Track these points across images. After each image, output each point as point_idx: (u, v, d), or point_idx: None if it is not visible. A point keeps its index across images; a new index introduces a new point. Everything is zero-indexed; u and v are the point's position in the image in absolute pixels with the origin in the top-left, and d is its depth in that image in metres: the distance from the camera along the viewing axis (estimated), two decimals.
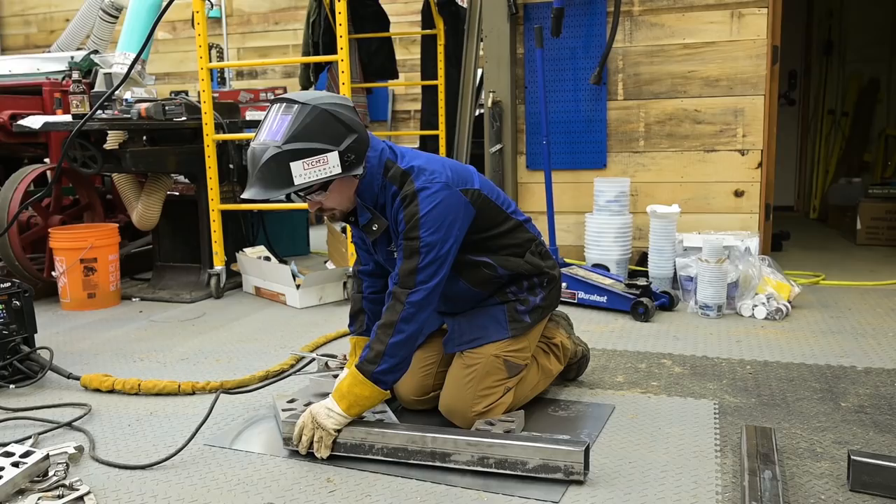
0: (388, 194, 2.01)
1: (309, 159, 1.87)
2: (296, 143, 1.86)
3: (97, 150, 3.62)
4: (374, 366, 1.93)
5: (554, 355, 2.34)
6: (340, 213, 2.05)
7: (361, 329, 2.28)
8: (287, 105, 1.91)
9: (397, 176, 2.00)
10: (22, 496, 1.75)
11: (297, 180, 1.88)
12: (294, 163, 1.86)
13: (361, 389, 1.93)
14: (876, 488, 1.69)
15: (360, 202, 2.03)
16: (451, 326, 2.20)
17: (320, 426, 1.93)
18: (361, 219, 2.05)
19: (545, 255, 2.23)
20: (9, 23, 8.66)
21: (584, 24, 4.13)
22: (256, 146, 1.90)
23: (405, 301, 1.93)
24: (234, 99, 6.16)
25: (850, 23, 6.44)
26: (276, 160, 1.86)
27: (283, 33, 7.53)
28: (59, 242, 3.70)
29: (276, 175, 1.87)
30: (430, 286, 1.95)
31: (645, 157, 4.14)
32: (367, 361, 1.94)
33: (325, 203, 2.00)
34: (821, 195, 6.39)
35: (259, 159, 1.88)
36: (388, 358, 1.93)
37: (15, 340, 2.65)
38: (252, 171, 1.91)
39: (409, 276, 1.94)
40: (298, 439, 1.95)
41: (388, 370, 1.94)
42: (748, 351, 2.81)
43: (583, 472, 1.77)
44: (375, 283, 2.28)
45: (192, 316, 3.57)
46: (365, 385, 1.93)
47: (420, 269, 1.94)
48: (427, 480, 1.82)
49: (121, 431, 2.19)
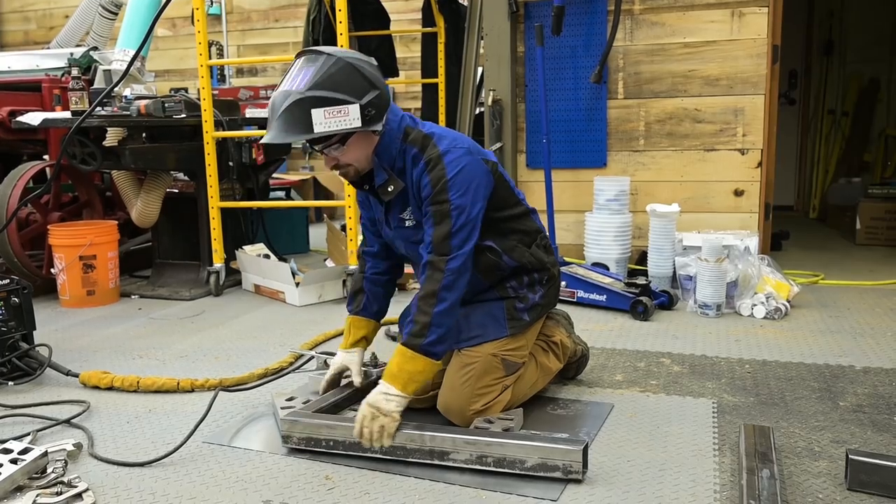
0: (408, 157, 2.01)
1: (330, 108, 1.87)
2: (318, 90, 1.86)
3: (96, 147, 3.61)
4: (421, 338, 1.91)
5: (553, 353, 2.33)
6: (355, 171, 2.04)
7: (358, 308, 2.27)
8: (312, 56, 1.92)
9: (418, 139, 2.02)
10: (20, 493, 1.75)
11: (318, 128, 1.87)
12: (315, 110, 1.86)
13: (413, 365, 1.92)
14: (874, 487, 1.69)
15: (377, 161, 2.03)
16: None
17: (382, 412, 1.89)
18: (378, 179, 2.05)
19: (549, 251, 2.24)
20: (8, 19, 8.65)
21: (584, 23, 4.12)
22: (278, 93, 1.91)
23: (445, 269, 1.93)
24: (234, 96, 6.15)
25: (850, 23, 6.43)
26: (298, 106, 1.86)
27: (283, 31, 7.52)
28: (59, 239, 3.70)
29: (297, 121, 1.87)
30: (466, 251, 1.95)
31: (645, 156, 4.14)
32: (413, 335, 1.92)
33: (341, 158, 2.00)
34: (820, 195, 6.39)
35: (280, 105, 1.88)
36: (434, 328, 1.92)
37: (14, 337, 2.65)
38: (272, 116, 1.91)
39: (443, 241, 1.94)
40: (360, 434, 1.90)
41: (437, 340, 1.93)
42: (747, 350, 2.82)
43: (581, 472, 1.77)
44: (378, 265, 2.29)
45: (191, 313, 3.57)
46: (416, 359, 1.92)
47: (454, 233, 1.94)
48: (425, 478, 1.83)
49: (119, 428, 2.19)
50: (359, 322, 2.27)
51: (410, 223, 2.08)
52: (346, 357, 2.26)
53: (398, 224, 2.11)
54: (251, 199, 4.31)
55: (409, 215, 2.07)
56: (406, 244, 2.14)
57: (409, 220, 2.08)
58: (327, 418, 2.01)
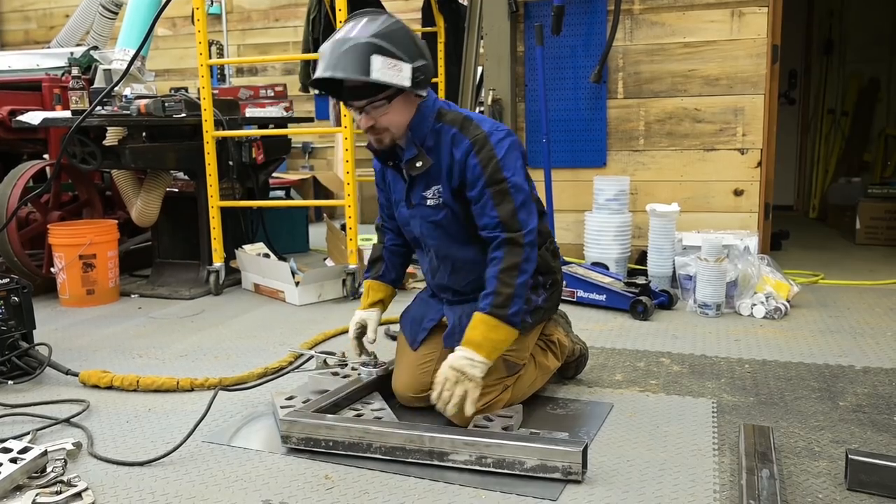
0: (445, 136, 2.04)
1: (388, 59, 1.90)
2: (380, 40, 1.90)
3: (96, 147, 3.61)
4: (506, 309, 1.95)
5: (551, 352, 2.34)
6: (390, 137, 2.06)
7: (377, 274, 2.37)
8: (373, 14, 1.98)
9: (458, 120, 2.05)
10: (20, 492, 1.75)
11: (374, 74, 1.89)
12: (375, 56, 1.89)
13: (498, 334, 1.96)
14: (873, 487, 1.69)
15: (409, 136, 2.06)
16: (452, 322, 2.20)
17: (467, 377, 1.92)
18: (407, 153, 2.07)
19: (556, 256, 2.27)
20: (8, 18, 8.65)
21: (584, 23, 4.12)
22: (333, 41, 1.95)
23: (524, 243, 1.97)
24: (234, 96, 6.15)
25: (850, 22, 6.44)
26: (359, 48, 1.89)
27: (283, 30, 7.51)
28: (58, 239, 3.70)
29: (356, 61, 1.89)
30: (533, 226, 2.01)
31: (645, 156, 4.14)
32: (497, 306, 1.95)
33: (380, 120, 2.01)
34: (820, 195, 6.39)
35: (340, 46, 1.91)
36: (517, 299, 1.96)
37: (13, 336, 2.65)
38: (329, 56, 1.92)
39: (512, 218, 1.98)
40: (439, 398, 1.94)
41: (519, 311, 1.97)
42: (747, 350, 2.82)
43: (581, 472, 1.77)
44: (398, 238, 2.37)
45: (190, 313, 3.57)
46: (500, 329, 1.95)
47: (518, 209, 1.99)
48: (425, 478, 1.82)
49: (119, 428, 2.19)
50: (377, 286, 2.36)
51: (433, 202, 2.09)
52: (363, 314, 2.34)
53: (419, 202, 2.13)
54: (251, 199, 4.31)
55: (434, 194, 2.09)
56: (423, 223, 2.15)
57: (432, 198, 2.09)
58: (327, 418, 2.01)
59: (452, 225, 2.11)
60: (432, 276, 2.27)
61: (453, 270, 2.18)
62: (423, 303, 2.36)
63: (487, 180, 1.98)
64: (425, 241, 2.20)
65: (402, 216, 2.22)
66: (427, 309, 2.32)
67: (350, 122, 3.77)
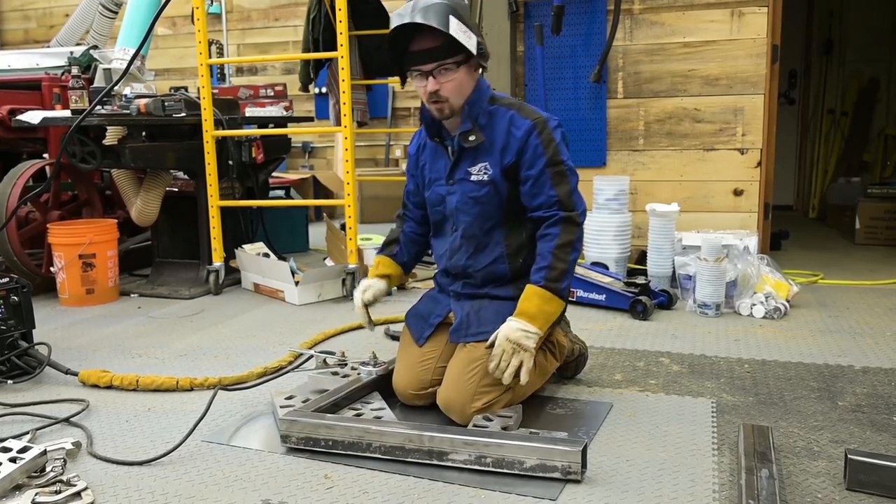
0: (500, 118, 2.14)
1: (463, 24, 2.03)
2: (455, 6, 2.02)
3: (96, 146, 3.61)
4: (560, 283, 2.05)
5: (550, 353, 2.33)
6: (449, 108, 2.12)
7: (390, 253, 2.43)
8: None
9: (515, 104, 2.19)
10: (19, 492, 1.75)
11: (452, 31, 2.00)
12: (453, 17, 2.00)
13: (551, 306, 2.04)
14: (872, 487, 1.69)
15: (466, 110, 2.13)
16: (460, 316, 2.21)
17: (522, 348, 1.99)
18: (463, 125, 2.13)
19: None
20: (8, 18, 8.64)
21: (584, 23, 4.13)
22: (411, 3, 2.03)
23: (578, 223, 2.10)
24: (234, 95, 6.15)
25: (850, 22, 6.44)
26: (440, 7, 2.00)
27: (283, 30, 7.51)
28: (58, 238, 3.70)
29: (438, 14, 2.00)
30: (584, 209, 2.14)
31: (644, 156, 4.14)
32: (552, 280, 2.04)
33: (445, 87, 2.08)
34: (820, 195, 6.40)
35: (420, 3, 2.01)
36: (569, 274, 2.07)
37: (13, 336, 2.65)
38: (412, 9, 2.01)
39: (569, 198, 2.09)
40: (496, 369, 2.00)
41: (568, 286, 2.10)
42: (746, 350, 2.82)
43: (580, 472, 1.77)
44: (418, 228, 2.44)
45: (190, 312, 3.57)
46: (553, 301, 2.04)
47: (573, 191, 2.11)
48: (424, 477, 1.82)
49: (118, 427, 2.19)
50: (387, 262, 2.42)
51: (477, 178, 2.16)
52: (369, 281, 2.39)
53: (463, 177, 2.18)
54: (251, 198, 4.31)
55: (480, 170, 2.15)
56: (463, 198, 2.19)
57: (476, 174, 2.16)
58: (326, 418, 2.01)
59: (491, 203, 2.16)
60: (450, 256, 2.27)
61: (475, 251, 2.21)
62: (431, 300, 2.37)
63: (548, 161, 2.09)
64: (457, 218, 2.23)
65: (436, 195, 2.27)
66: (434, 305, 2.33)
67: (350, 121, 3.77)
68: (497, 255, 2.19)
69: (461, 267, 2.25)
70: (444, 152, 2.23)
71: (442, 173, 2.24)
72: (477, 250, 2.21)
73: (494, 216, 2.18)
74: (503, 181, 2.14)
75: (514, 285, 2.20)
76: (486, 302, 2.21)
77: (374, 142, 7.30)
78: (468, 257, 2.22)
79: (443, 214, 2.28)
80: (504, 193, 2.15)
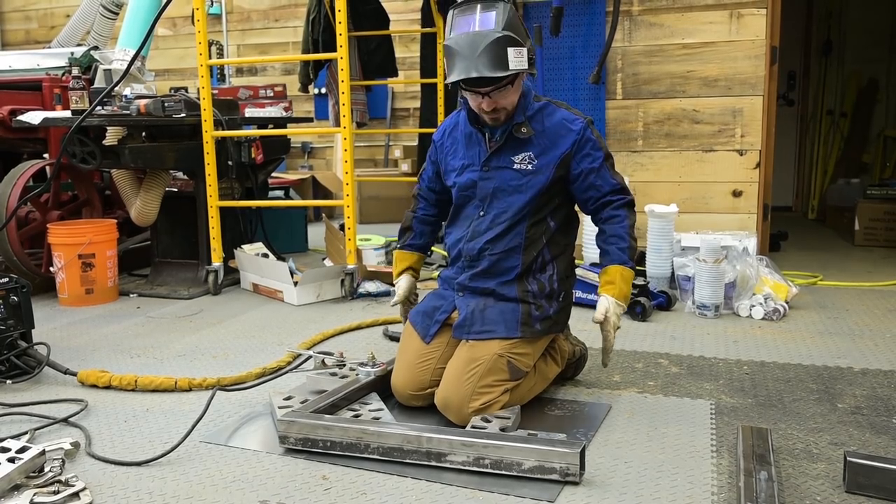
0: (551, 114, 2.24)
1: (518, 48, 2.05)
2: (510, 31, 2.03)
3: (96, 146, 3.61)
4: (633, 260, 2.22)
5: (552, 358, 2.34)
6: (506, 115, 2.18)
7: (405, 243, 2.54)
8: (487, 2, 2.07)
9: (561, 103, 2.30)
10: (17, 492, 1.75)
11: (511, 65, 2.04)
12: (510, 48, 2.03)
13: (629, 284, 2.23)
14: (871, 490, 1.70)
15: (522, 103, 2.20)
16: (464, 313, 2.22)
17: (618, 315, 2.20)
18: (517, 118, 2.19)
19: (573, 272, 2.40)
20: (9, 18, 8.64)
21: (583, 24, 4.13)
22: (470, 34, 2.04)
23: (635, 210, 2.28)
24: (234, 96, 6.15)
25: (849, 23, 6.44)
26: (498, 44, 2.02)
27: (282, 30, 7.52)
28: (58, 238, 3.70)
29: (497, 57, 2.02)
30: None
31: (643, 157, 4.15)
32: (631, 259, 2.21)
33: (502, 101, 2.13)
34: (819, 196, 6.39)
35: (481, 42, 2.02)
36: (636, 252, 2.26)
37: (12, 336, 2.65)
38: (471, 54, 2.02)
39: (626, 186, 2.28)
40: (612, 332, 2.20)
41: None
42: (745, 351, 2.82)
43: (579, 474, 1.77)
44: (430, 209, 2.53)
45: (189, 312, 3.57)
46: (630, 275, 2.22)
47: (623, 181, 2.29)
48: (422, 479, 1.83)
49: (117, 427, 2.19)
50: (403, 255, 2.54)
51: (521, 166, 2.21)
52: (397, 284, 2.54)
53: (505, 165, 2.23)
54: (250, 199, 4.31)
55: (524, 159, 2.21)
56: (501, 184, 2.23)
57: (520, 163, 2.21)
58: (325, 418, 2.01)
59: (529, 191, 2.21)
60: (471, 238, 2.28)
61: (497, 236, 2.23)
62: (436, 297, 2.37)
63: (605, 154, 2.23)
64: (490, 203, 2.25)
65: (466, 180, 2.29)
66: (440, 301, 2.33)
67: (349, 122, 3.77)
68: (515, 245, 2.22)
69: (478, 250, 2.25)
70: (482, 140, 2.27)
71: (476, 159, 2.28)
72: (499, 236, 2.23)
73: (525, 207, 2.22)
74: (551, 170, 2.20)
75: (518, 286, 2.21)
76: (491, 301, 2.22)
77: (374, 142, 7.31)
78: (489, 240, 2.24)
79: (470, 198, 2.30)
80: (542, 184, 2.20)
